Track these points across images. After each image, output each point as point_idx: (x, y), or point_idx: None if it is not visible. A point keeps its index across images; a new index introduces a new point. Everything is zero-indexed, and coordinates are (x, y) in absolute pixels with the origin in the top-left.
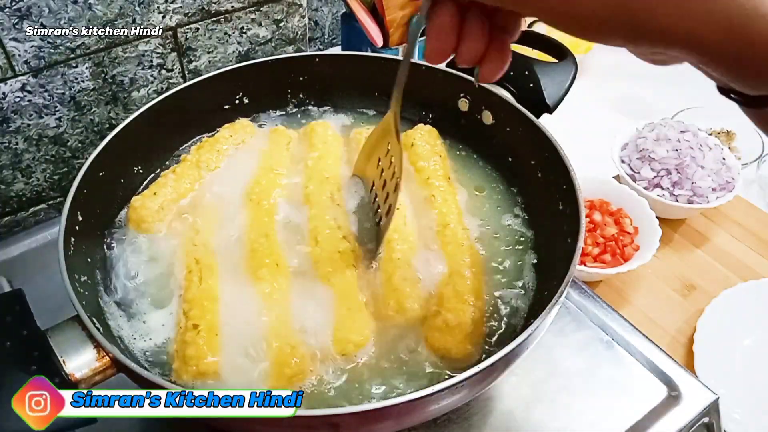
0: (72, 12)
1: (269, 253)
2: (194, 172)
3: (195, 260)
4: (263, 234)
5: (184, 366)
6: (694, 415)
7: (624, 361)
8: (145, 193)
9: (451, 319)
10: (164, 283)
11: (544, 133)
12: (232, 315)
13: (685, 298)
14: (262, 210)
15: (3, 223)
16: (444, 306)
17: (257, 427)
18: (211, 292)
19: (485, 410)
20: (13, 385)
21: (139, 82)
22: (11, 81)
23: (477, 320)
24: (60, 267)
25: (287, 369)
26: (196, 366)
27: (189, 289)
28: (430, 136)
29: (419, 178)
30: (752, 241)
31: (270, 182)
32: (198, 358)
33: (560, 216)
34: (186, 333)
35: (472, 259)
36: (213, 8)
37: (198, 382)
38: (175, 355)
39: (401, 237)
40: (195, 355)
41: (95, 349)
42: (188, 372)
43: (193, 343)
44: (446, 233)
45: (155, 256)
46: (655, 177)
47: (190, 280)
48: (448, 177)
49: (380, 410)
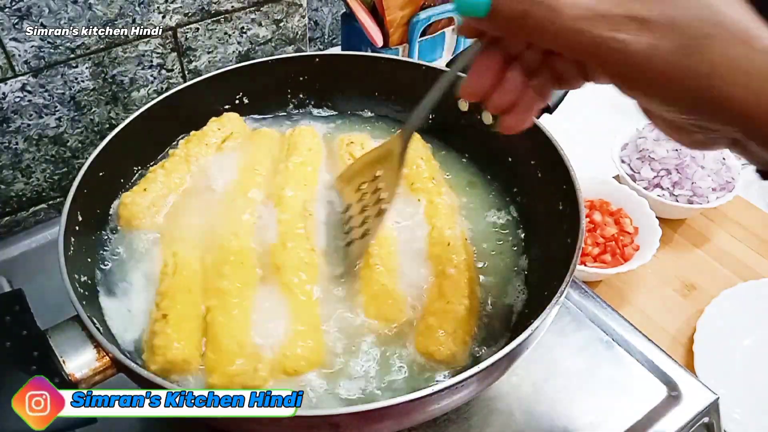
0: (72, 12)
1: (237, 252)
2: (183, 167)
3: (172, 253)
4: (234, 232)
5: (152, 356)
6: (694, 415)
7: (624, 361)
8: (134, 189)
9: (433, 322)
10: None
11: (544, 133)
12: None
13: (685, 298)
14: (237, 208)
15: (3, 223)
16: (428, 309)
17: (257, 427)
18: (184, 283)
19: (485, 410)
20: (13, 385)
21: (139, 82)
22: (11, 81)
23: (463, 322)
24: (60, 267)
25: (231, 368)
26: (163, 355)
27: (162, 281)
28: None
29: (405, 185)
30: (752, 241)
31: (249, 182)
32: (165, 347)
33: (560, 216)
34: (155, 323)
35: (460, 261)
36: (213, 8)
37: (168, 373)
38: (144, 346)
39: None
40: (162, 345)
41: (95, 349)
42: (155, 362)
43: (161, 333)
44: (433, 235)
45: (146, 252)
46: (655, 177)
47: (165, 273)
48: (432, 178)
49: (380, 410)
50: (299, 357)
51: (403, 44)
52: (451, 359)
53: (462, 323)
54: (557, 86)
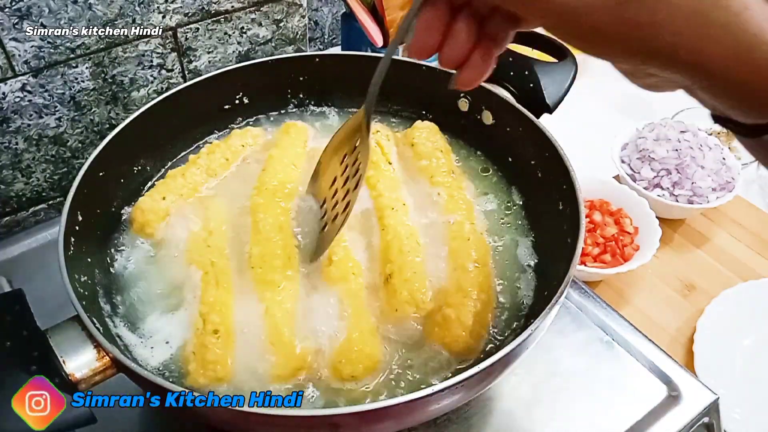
0: (72, 12)
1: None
2: (201, 177)
3: (210, 262)
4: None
5: (202, 370)
6: (694, 415)
7: (624, 361)
8: (151, 194)
9: (450, 313)
10: (171, 287)
11: (544, 133)
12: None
13: (685, 298)
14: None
15: (3, 223)
16: (446, 301)
17: (257, 427)
18: (227, 295)
19: (485, 410)
20: (13, 385)
21: (139, 82)
22: (11, 81)
23: (479, 314)
24: (60, 267)
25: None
26: (214, 371)
27: (207, 292)
28: (430, 132)
29: (424, 177)
30: (752, 241)
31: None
32: (216, 363)
33: (560, 216)
34: (206, 337)
35: (479, 254)
36: (213, 8)
37: (214, 386)
38: (191, 358)
39: (403, 237)
40: (214, 360)
41: (95, 349)
42: (206, 376)
43: (213, 349)
44: (452, 228)
45: (160, 259)
46: (655, 177)
47: (207, 282)
48: (452, 171)
49: (380, 410)
50: (356, 361)
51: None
52: (467, 352)
53: (480, 317)
54: (513, 28)
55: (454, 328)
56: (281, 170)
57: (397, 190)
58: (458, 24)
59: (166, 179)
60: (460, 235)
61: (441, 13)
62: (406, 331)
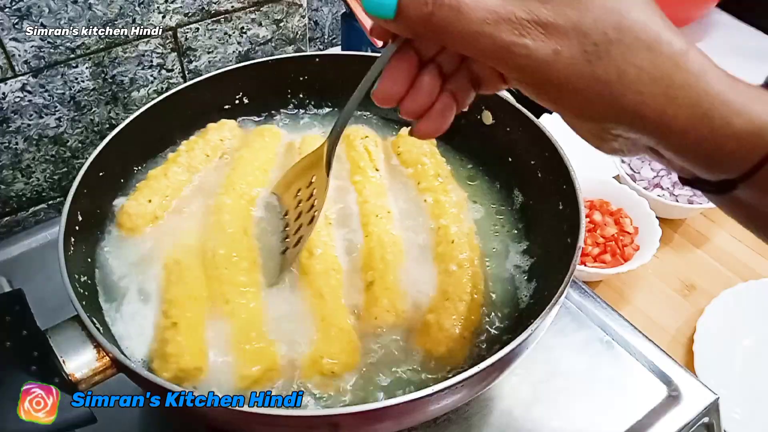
0: (72, 12)
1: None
2: (184, 176)
3: (174, 261)
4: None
5: (164, 364)
6: (694, 415)
7: (624, 361)
8: (136, 196)
9: (431, 319)
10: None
11: (544, 133)
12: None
13: (685, 298)
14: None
15: (3, 223)
16: (429, 306)
17: (257, 427)
18: (191, 290)
19: (485, 410)
20: (13, 385)
21: (139, 82)
22: (11, 81)
23: (464, 318)
24: (60, 267)
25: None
26: (176, 363)
27: (168, 289)
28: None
29: (412, 185)
30: (752, 241)
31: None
32: (177, 355)
33: (560, 216)
34: (165, 331)
35: (466, 257)
36: (213, 8)
37: (181, 381)
38: (154, 354)
39: (386, 245)
40: (174, 353)
41: (95, 349)
42: (168, 369)
43: (172, 341)
44: (439, 233)
45: (143, 259)
46: (655, 177)
47: (170, 280)
48: (438, 176)
49: (380, 410)
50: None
51: None
52: (449, 356)
53: (462, 320)
54: (475, 90)
55: (434, 332)
56: (250, 172)
57: (383, 197)
58: (424, 77)
59: (149, 180)
60: (446, 239)
61: (408, 65)
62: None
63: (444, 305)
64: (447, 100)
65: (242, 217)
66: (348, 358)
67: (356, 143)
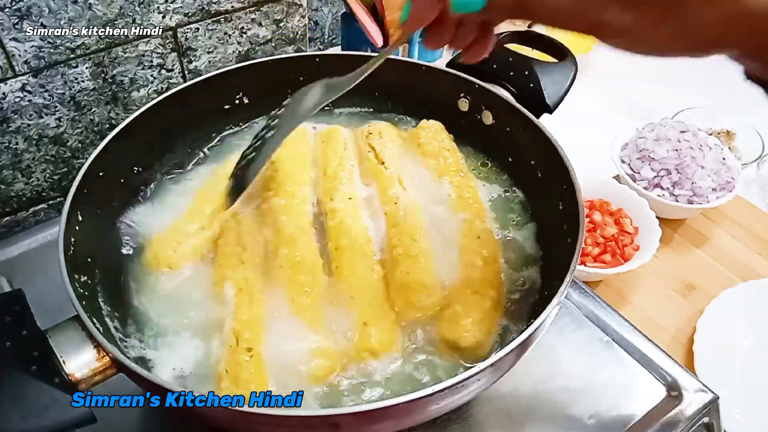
0: (72, 12)
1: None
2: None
3: (244, 278)
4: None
5: (235, 388)
6: (694, 415)
7: (624, 361)
8: (167, 241)
9: (459, 310)
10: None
11: (544, 133)
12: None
13: (685, 298)
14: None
15: (3, 223)
16: (455, 298)
17: (257, 427)
18: (260, 313)
19: (485, 410)
20: (13, 385)
21: (139, 82)
22: (11, 81)
23: (488, 311)
24: (60, 267)
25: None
26: (247, 389)
27: (240, 309)
28: (437, 131)
29: (433, 177)
30: (752, 241)
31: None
32: (249, 381)
33: (560, 216)
34: (238, 354)
35: (489, 251)
36: (213, 8)
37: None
38: (223, 375)
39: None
40: (247, 379)
41: (95, 349)
42: (239, 394)
43: (246, 368)
44: (463, 227)
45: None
46: (655, 177)
47: (241, 299)
48: (460, 170)
49: (380, 410)
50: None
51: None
52: (476, 347)
53: (488, 314)
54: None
55: (463, 324)
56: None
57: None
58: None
59: (178, 222)
60: (470, 234)
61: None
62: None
63: (472, 298)
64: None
65: (299, 216)
66: (390, 337)
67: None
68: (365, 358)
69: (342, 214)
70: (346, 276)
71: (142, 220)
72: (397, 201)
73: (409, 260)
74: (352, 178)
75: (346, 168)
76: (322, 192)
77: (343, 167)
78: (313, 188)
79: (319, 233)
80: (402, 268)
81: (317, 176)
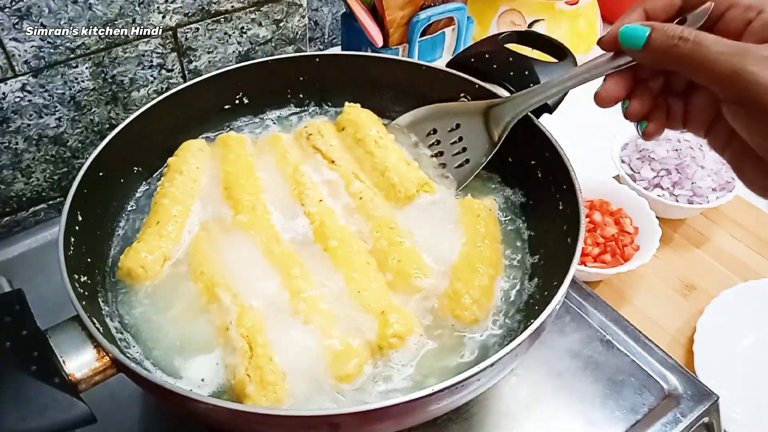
0: (72, 12)
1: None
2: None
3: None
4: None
5: (262, 391)
6: (694, 415)
7: (624, 361)
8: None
9: (460, 287)
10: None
11: (544, 133)
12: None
13: (685, 298)
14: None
15: (3, 223)
16: (456, 275)
17: (257, 427)
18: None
19: (485, 410)
20: (13, 385)
21: (139, 82)
22: (11, 81)
23: (486, 287)
24: (60, 267)
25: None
26: (274, 392)
27: (241, 316)
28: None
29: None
30: (752, 241)
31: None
32: (275, 383)
33: (560, 216)
34: (259, 358)
35: (488, 229)
36: (213, 8)
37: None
38: (246, 381)
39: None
40: (273, 381)
41: (95, 349)
42: (268, 397)
43: (269, 371)
44: (464, 205)
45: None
46: (655, 177)
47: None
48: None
49: (380, 410)
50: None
51: (403, 44)
52: (474, 322)
53: (486, 290)
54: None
55: (463, 300)
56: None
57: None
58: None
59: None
60: (471, 212)
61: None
62: None
63: (472, 276)
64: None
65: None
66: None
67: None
68: (394, 345)
69: (320, 217)
70: (346, 273)
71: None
72: (362, 196)
73: (395, 247)
74: (312, 181)
75: (301, 172)
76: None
77: (299, 172)
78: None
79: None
80: (392, 257)
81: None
